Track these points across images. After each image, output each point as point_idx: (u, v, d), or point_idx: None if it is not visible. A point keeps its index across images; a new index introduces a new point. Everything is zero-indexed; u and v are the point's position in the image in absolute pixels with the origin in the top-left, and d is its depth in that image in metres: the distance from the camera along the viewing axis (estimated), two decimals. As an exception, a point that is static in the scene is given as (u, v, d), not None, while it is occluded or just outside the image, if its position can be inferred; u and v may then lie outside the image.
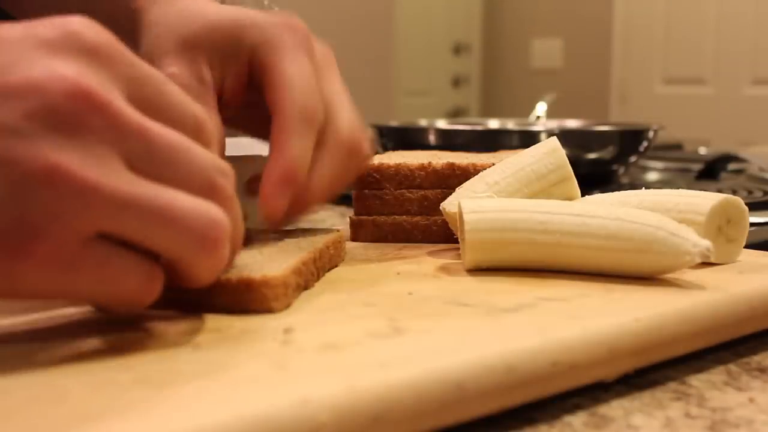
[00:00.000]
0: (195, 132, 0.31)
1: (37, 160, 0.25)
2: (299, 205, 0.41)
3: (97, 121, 0.27)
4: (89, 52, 0.28)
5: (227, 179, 0.31)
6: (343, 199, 0.79)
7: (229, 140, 0.44)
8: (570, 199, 0.46)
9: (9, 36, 0.27)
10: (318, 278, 0.40)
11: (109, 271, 0.28)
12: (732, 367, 0.35)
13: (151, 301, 0.29)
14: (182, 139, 0.30)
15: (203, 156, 0.30)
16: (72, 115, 0.26)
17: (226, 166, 0.31)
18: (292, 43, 0.42)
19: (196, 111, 0.31)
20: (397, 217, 0.52)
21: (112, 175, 0.27)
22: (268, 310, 0.33)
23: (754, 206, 0.64)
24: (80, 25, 0.28)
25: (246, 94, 0.45)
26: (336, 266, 0.44)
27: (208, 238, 0.29)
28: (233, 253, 0.33)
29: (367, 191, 0.52)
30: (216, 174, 0.30)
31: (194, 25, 0.44)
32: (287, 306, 0.34)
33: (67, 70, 0.27)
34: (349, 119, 0.44)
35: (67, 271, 0.27)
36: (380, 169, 0.51)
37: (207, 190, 0.30)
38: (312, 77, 0.42)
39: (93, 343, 0.30)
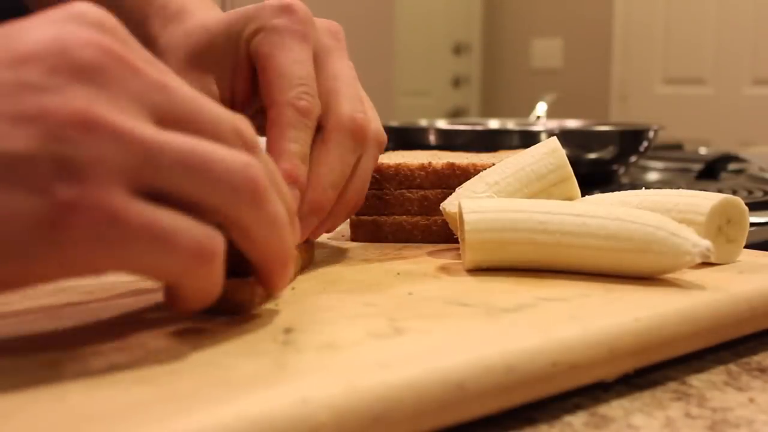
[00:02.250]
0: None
1: (69, 108, 0.25)
2: (316, 204, 0.40)
3: (121, 73, 0.26)
4: (97, 24, 0.27)
5: (247, 126, 0.30)
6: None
7: None
8: (570, 199, 0.46)
9: (13, 22, 0.27)
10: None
11: (160, 229, 0.26)
12: (732, 367, 0.35)
13: (215, 265, 0.28)
14: (197, 93, 0.29)
15: (219, 107, 0.30)
16: (97, 67, 0.26)
17: (240, 116, 0.31)
18: (286, 27, 0.41)
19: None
20: (397, 217, 0.52)
21: (143, 125, 0.26)
22: (234, 313, 0.33)
23: (754, 206, 0.64)
24: (81, 5, 0.28)
25: (255, 93, 0.44)
26: (306, 267, 0.43)
27: (246, 180, 0.28)
28: (292, 211, 0.31)
29: (367, 191, 0.52)
30: (236, 121, 0.30)
31: (196, 42, 0.44)
32: (251, 311, 0.34)
33: (84, 32, 0.26)
34: (350, 104, 0.42)
35: (116, 229, 0.25)
36: (380, 169, 0.51)
37: (233, 137, 0.29)
38: (306, 64, 0.41)
39: (93, 343, 0.30)
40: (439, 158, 0.53)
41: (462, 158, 0.54)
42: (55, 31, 0.26)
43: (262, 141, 0.50)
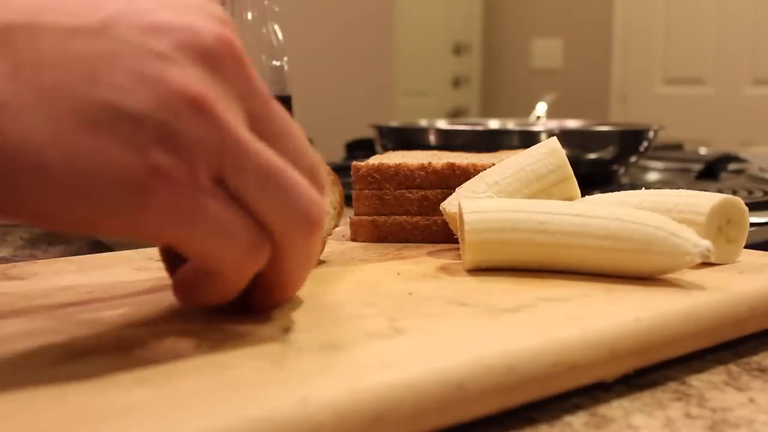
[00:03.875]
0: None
1: (187, 85, 0.26)
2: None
3: (236, 72, 0.28)
4: (221, 20, 0.29)
5: (322, 168, 0.31)
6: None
7: None
8: (570, 199, 0.46)
9: None
10: None
11: (225, 220, 0.27)
12: (732, 367, 0.35)
13: (254, 270, 0.29)
14: (291, 119, 0.30)
15: (306, 141, 0.31)
16: (219, 57, 0.27)
17: (319, 157, 0.32)
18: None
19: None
20: (397, 217, 0.52)
21: (243, 127, 0.27)
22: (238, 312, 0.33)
23: (754, 206, 0.64)
24: (207, 1, 0.29)
25: None
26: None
27: (310, 216, 0.29)
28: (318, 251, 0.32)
29: (367, 191, 0.52)
30: (317, 160, 0.31)
31: None
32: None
33: (212, 23, 0.28)
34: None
35: (192, 206, 0.26)
36: (380, 169, 0.51)
37: (308, 173, 0.30)
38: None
39: (93, 343, 0.30)
40: (439, 158, 0.53)
41: (462, 158, 0.54)
42: (185, 14, 0.28)
43: None
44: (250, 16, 0.74)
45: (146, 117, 0.25)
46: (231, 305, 0.31)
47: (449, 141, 0.89)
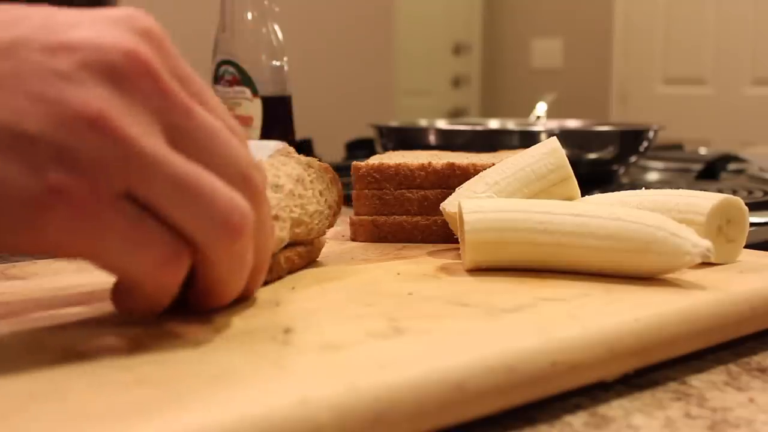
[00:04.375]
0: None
1: (86, 104, 0.26)
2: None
3: (148, 86, 0.27)
4: (144, 32, 0.28)
5: (260, 175, 0.31)
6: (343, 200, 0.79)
7: None
8: (570, 199, 0.46)
9: (71, 10, 0.28)
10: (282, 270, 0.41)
11: (136, 233, 0.27)
12: (732, 367, 0.35)
13: (175, 281, 0.29)
14: (222, 127, 0.30)
15: (239, 147, 0.30)
16: (126, 74, 0.27)
17: (259, 162, 0.31)
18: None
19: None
20: (397, 217, 0.52)
21: (152, 140, 0.27)
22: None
23: (754, 206, 0.64)
24: (137, 11, 0.29)
25: None
26: (307, 266, 0.43)
27: (230, 223, 0.28)
28: (261, 259, 0.32)
29: (367, 191, 0.52)
30: (249, 167, 0.30)
31: None
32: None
33: (126, 39, 0.27)
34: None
35: (95, 223, 0.26)
36: (380, 169, 0.51)
37: (239, 180, 0.30)
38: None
39: (93, 343, 0.30)
40: (439, 158, 0.53)
41: (462, 158, 0.54)
42: (99, 30, 0.27)
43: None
44: (250, 16, 0.74)
45: (43, 137, 0.25)
46: (173, 308, 0.31)
47: (449, 141, 0.89)
